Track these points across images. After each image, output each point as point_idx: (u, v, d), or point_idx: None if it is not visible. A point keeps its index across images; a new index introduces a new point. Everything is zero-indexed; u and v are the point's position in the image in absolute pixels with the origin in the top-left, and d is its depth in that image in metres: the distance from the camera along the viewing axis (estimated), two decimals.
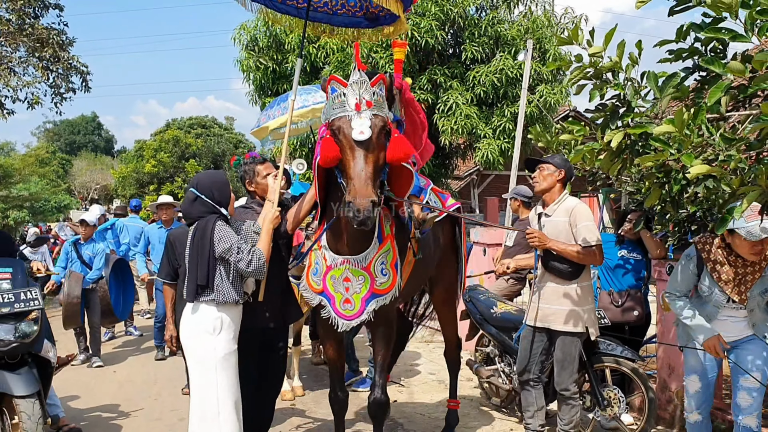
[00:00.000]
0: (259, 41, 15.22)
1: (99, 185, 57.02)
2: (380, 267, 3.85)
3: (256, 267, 3.59)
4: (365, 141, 3.39)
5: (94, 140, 77.02)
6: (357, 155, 3.40)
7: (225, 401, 3.61)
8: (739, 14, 2.80)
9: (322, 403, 5.97)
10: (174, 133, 34.54)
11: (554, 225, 4.36)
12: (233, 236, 3.62)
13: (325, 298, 3.89)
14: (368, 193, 3.28)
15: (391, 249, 3.88)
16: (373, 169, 3.40)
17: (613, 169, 3.37)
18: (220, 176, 3.93)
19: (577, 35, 3.28)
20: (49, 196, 34.78)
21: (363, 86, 3.49)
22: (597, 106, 3.50)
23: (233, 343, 3.71)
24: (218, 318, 3.64)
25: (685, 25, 3.53)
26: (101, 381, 7.01)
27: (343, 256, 3.80)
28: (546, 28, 14.23)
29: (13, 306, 4.35)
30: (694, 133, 2.98)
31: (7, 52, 14.10)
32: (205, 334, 3.62)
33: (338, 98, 3.52)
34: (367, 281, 3.79)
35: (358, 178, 3.34)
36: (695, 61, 3.69)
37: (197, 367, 3.68)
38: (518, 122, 7.70)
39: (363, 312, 3.82)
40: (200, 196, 3.74)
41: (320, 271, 3.89)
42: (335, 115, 3.52)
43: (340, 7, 4.75)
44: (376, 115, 3.47)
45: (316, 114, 6.88)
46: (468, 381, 6.71)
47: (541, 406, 4.60)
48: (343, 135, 3.45)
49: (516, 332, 5.47)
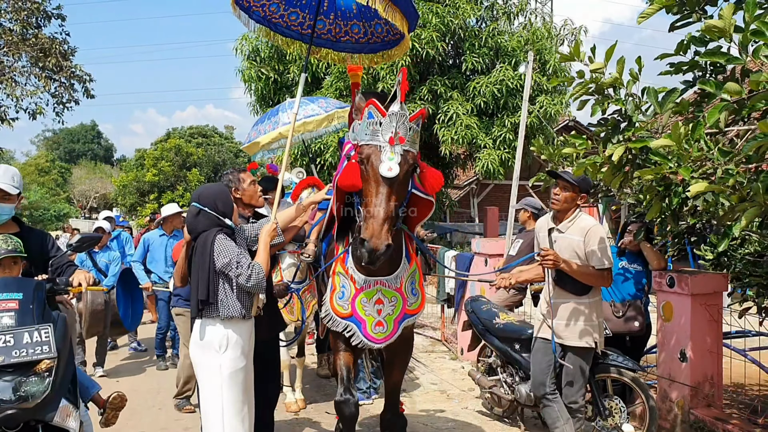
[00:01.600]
0: (261, 51, 15.34)
1: (98, 194, 57.04)
2: (410, 287, 3.84)
3: (256, 282, 3.53)
4: (392, 178, 3.32)
5: (93, 149, 77.15)
6: (381, 191, 3.33)
7: (230, 419, 3.58)
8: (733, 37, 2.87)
9: (325, 415, 6.02)
10: (175, 142, 34.59)
11: (567, 242, 4.33)
12: (233, 250, 3.56)
13: (354, 322, 3.81)
14: (384, 237, 3.23)
15: (417, 268, 3.89)
16: (394, 207, 3.35)
17: (615, 182, 3.43)
18: (221, 187, 3.89)
19: (579, 52, 3.35)
20: (48, 205, 34.83)
21: (402, 120, 3.39)
22: (599, 121, 3.57)
23: (241, 360, 3.64)
24: (224, 335, 3.59)
25: (686, 38, 3.61)
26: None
27: (375, 277, 3.74)
28: (546, 39, 14.36)
29: (11, 354, 2.99)
30: (693, 147, 3.04)
31: (10, 62, 14.21)
32: (211, 352, 3.59)
33: (373, 125, 3.42)
34: (400, 302, 3.78)
35: (377, 219, 3.27)
36: (695, 75, 3.78)
37: (203, 383, 3.68)
38: (520, 133, 7.76)
39: (395, 334, 3.79)
40: (203, 209, 3.69)
41: (348, 295, 3.81)
42: (367, 141, 3.43)
43: (343, 34, 4.84)
44: (407, 151, 3.40)
45: (307, 128, 6.90)
46: (470, 391, 6.74)
47: (567, 418, 4.48)
48: (371, 166, 3.38)
49: (518, 343, 5.53)
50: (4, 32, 13.89)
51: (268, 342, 4.25)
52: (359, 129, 3.52)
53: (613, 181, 3.44)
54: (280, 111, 7.14)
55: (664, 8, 3.66)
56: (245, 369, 3.69)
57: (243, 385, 3.67)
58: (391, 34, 4.70)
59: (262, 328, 3.97)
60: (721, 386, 5.36)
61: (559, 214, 4.43)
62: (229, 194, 3.85)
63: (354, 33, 4.78)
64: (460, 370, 7.62)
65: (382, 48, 4.85)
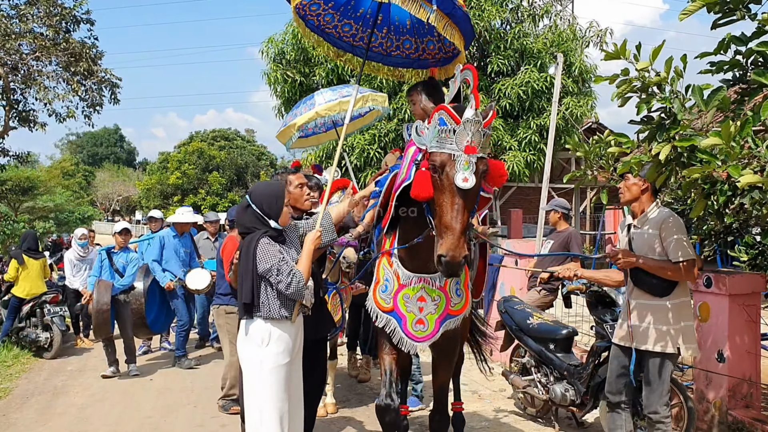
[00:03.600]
0: (286, 54, 15.45)
1: (121, 197, 57.71)
2: (455, 287, 3.78)
3: (295, 289, 3.55)
4: (468, 190, 3.20)
5: (116, 152, 78.08)
6: (456, 203, 3.20)
7: (269, 413, 3.60)
8: None
9: (359, 413, 6.08)
10: (198, 145, 34.92)
11: (643, 237, 4.14)
12: (275, 256, 3.57)
13: (395, 317, 3.77)
14: (462, 250, 3.14)
15: (463, 269, 3.72)
16: (468, 218, 3.26)
17: (660, 180, 3.43)
18: (273, 188, 3.85)
19: (625, 50, 3.36)
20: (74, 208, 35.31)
21: (476, 127, 3.25)
22: (642, 119, 3.57)
23: (284, 357, 3.66)
24: (267, 330, 3.63)
25: (726, 38, 3.61)
26: (139, 389, 7.12)
27: (419, 274, 3.70)
28: (571, 41, 14.33)
29: None
30: (739, 145, 3.04)
31: (42, 66, 14.44)
32: (254, 346, 3.65)
33: (445, 132, 3.27)
34: (443, 301, 3.72)
35: (454, 232, 3.15)
36: (735, 73, 3.77)
37: (245, 376, 3.74)
38: (549, 135, 7.76)
39: (436, 333, 3.73)
40: (251, 205, 3.74)
41: (391, 289, 3.78)
42: (439, 148, 3.28)
43: (395, 48, 4.78)
44: (481, 158, 3.28)
45: (343, 107, 6.81)
46: (501, 392, 6.75)
47: (629, 430, 4.39)
48: (445, 176, 3.24)
49: (553, 343, 5.54)
50: (36, 37, 14.12)
51: (315, 342, 4.29)
52: (429, 134, 3.37)
53: (658, 179, 3.44)
54: (316, 95, 7.18)
55: (706, 6, 3.66)
56: (289, 366, 3.71)
57: (285, 382, 3.68)
58: (443, 51, 4.64)
59: (308, 329, 4.00)
60: (759, 387, 5.32)
61: (635, 210, 4.23)
62: (279, 197, 3.79)
63: (405, 48, 4.74)
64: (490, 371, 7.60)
65: (434, 65, 4.76)
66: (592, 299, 5.25)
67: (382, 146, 14.05)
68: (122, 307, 7.78)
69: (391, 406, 3.87)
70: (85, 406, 6.46)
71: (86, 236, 9.82)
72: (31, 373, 7.96)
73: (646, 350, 4.11)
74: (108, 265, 7.92)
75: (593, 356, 5.28)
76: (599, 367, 5.16)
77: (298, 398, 3.86)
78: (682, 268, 3.94)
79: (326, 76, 15.08)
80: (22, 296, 8.97)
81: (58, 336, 8.79)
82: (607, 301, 5.17)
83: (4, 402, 6.71)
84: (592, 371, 5.21)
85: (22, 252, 9.11)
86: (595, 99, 14.79)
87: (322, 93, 7.11)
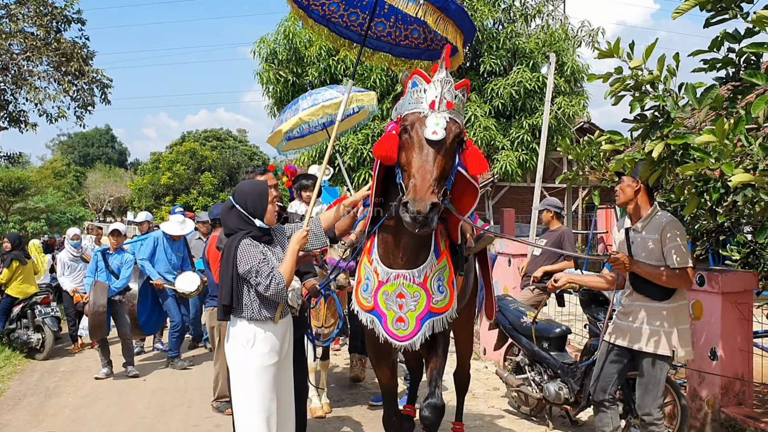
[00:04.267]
0: (278, 54, 15.43)
1: (113, 197, 57.47)
2: (437, 284, 3.61)
3: (274, 291, 3.50)
4: (437, 142, 3.13)
5: (107, 153, 77.72)
6: (425, 155, 3.12)
7: (255, 414, 3.58)
8: None
9: (355, 413, 6.10)
10: (190, 145, 34.86)
11: (644, 242, 4.08)
12: (255, 257, 3.53)
13: (376, 316, 3.65)
14: (430, 195, 2.99)
15: (447, 266, 3.66)
16: (439, 172, 3.12)
17: (653, 178, 3.45)
18: (256, 187, 3.78)
19: (618, 48, 3.38)
20: (65, 208, 35.17)
21: (447, 86, 3.23)
22: (635, 117, 3.59)
23: (270, 357, 3.65)
24: (251, 331, 3.61)
25: (720, 35, 3.63)
26: (133, 389, 7.10)
27: (397, 270, 3.57)
28: (563, 41, 14.39)
29: None
30: (732, 143, 3.05)
31: (32, 66, 14.37)
32: (240, 347, 3.63)
33: (417, 93, 3.27)
34: (423, 298, 3.56)
35: (422, 178, 3.05)
36: (728, 71, 3.80)
37: (233, 377, 3.73)
38: (542, 134, 7.78)
39: (417, 332, 3.58)
40: (235, 205, 3.70)
41: (371, 287, 3.66)
42: (410, 110, 3.27)
43: (403, 38, 4.70)
44: (453, 120, 3.22)
45: (326, 111, 6.77)
46: (494, 390, 6.76)
47: (617, 426, 4.40)
48: (414, 131, 3.20)
49: (546, 341, 5.56)
50: (26, 37, 14.05)
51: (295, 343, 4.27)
52: (403, 101, 3.37)
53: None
54: (300, 100, 7.13)
55: (699, 4, 3.69)
56: (276, 366, 3.69)
57: (273, 382, 3.66)
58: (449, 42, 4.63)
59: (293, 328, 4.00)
60: (751, 385, 5.35)
61: (632, 213, 4.19)
62: (263, 195, 3.73)
63: (414, 38, 4.63)
64: (483, 370, 7.63)
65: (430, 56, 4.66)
66: (585, 297, 5.27)
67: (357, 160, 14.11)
68: (119, 307, 7.77)
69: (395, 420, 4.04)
70: (79, 407, 6.43)
71: (79, 236, 9.79)
72: (23, 375, 7.93)
73: (641, 351, 4.10)
74: (104, 267, 7.91)
75: (587, 354, 5.31)
76: (593, 365, 5.19)
77: (289, 398, 3.85)
78: (684, 274, 3.92)
79: (319, 76, 15.08)
80: (16, 296, 9.00)
81: (50, 337, 8.76)
82: (600, 299, 5.19)
83: None
84: (585, 369, 5.23)
85: (22, 253, 9.18)
86: (587, 99, 14.86)
87: (305, 98, 7.06)
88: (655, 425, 4.14)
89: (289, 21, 15.64)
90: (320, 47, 14.78)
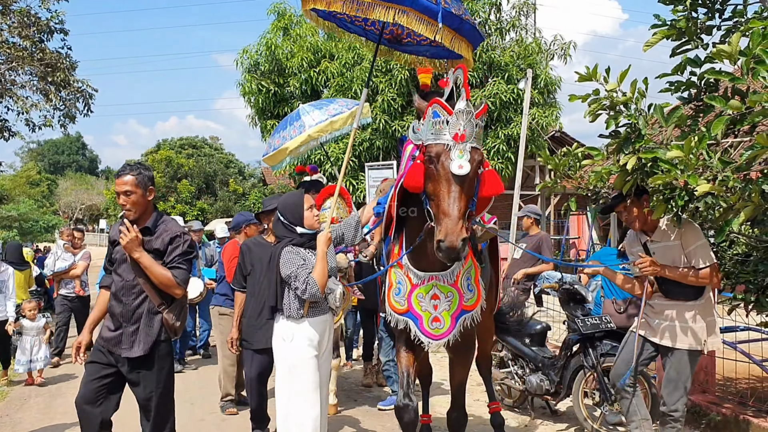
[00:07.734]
0: (261, 65, 15.75)
1: (84, 205, 56.96)
2: (466, 283, 3.86)
3: (310, 294, 3.84)
4: (463, 176, 3.31)
5: (78, 160, 76.94)
6: (452, 190, 3.31)
7: (298, 405, 3.88)
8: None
9: (362, 413, 6.42)
10: (166, 153, 34.87)
11: (665, 250, 4.25)
12: (295, 263, 3.89)
13: (411, 318, 3.85)
14: (460, 233, 3.20)
15: (473, 265, 3.91)
16: (465, 205, 3.34)
17: (626, 187, 3.91)
18: (291, 197, 4.16)
19: (596, 73, 3.84)
20: (38, 217, 34.88)
21: (468, 117, 3.38)
22: (610, 133, 4.05)
23: (310, 350, 3.95)
24: (290, 328, 3.97)
25: (683, 60, 4.15)
26: None
27: (429, 272, 3.79)
28: (537, 54, 14.95)
29: None
30: (696, 157, 3.52)
31: (12, 76, 14.50)
32: (281, 341, 4.01)
33: (439, 124, 3.40)
34: (456, 297, 3.80)
35: (451, 217, 3.25)
36: (690, 93, 4.30)
37: (277, 370, 4.07)
38: (520, 145, 8.25)
39: (453, 330, 3.81)
40: (280, 218, 4.13)
41: (404, 291, 3.87)
42: (433, 140, 3.42)
43: (405, 36, 4.86)
44: (475, 149, 3.41)
45: (334, 126, 6.88)
46: (479, 385, 7.13)
47: (645, 414, 4.50)
48: (441, 165, 3.36)
49: (528, 337, 6.02)
50: (10, 48, 14.19)
51: None
52: (424, 128, 3.50)
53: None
54: (302, 115, 7.09)
55: (665, 37, 4.20)
56: (315, 360, 3.99)
57: (313, 375, 3.96)
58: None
59: None
60: (714, 375, 5.87)
61: (646, 228, 4.38)
62: (298, 204, 4.08)
63: (416, 36, 4.71)
64: None
65: (447, 54, 4.76)
66: (564, 296, 5.73)
67: (356, 155, 14.43)
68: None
69: (409, 406, 3.98)
70: None
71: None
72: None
73: (674, 348, 4.22)
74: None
75: (565, 349, 5.76)
76: (571, 358, 5.64)
77: (324, 394, 4.14)
78: (708, 272, 4.10)
79: (300, 87, 15.45)
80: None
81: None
82: (578, 298, 5.66)
83: (3, 404, 6.91)
84: (564, 362, 5.68)
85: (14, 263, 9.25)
86: (560, 110, 15.43)
87: (309, 113, 7.02)
88: (679, 422, 4.20)
89: (270, 33, 15.99)
90: (302, 59, 15.15)
